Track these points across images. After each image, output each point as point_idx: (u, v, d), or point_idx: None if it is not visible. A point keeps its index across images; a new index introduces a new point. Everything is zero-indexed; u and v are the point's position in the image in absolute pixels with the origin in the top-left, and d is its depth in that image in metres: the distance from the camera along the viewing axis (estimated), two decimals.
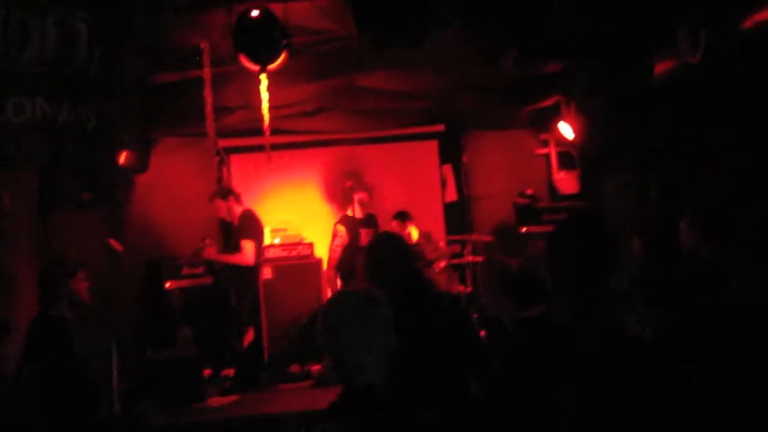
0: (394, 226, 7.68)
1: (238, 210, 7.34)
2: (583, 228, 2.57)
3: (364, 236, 7.40)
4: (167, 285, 7.40)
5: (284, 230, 8.05)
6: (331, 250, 7.49)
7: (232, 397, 6.52)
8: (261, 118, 6.36)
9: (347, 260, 7.34)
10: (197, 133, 7.77)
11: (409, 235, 7.74)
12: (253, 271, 7.27)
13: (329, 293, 7.59)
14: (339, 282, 7.50)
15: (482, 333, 6.13)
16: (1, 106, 3.84)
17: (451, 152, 9.03)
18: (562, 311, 2.72)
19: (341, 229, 7.48)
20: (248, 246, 7.14)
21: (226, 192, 7.41)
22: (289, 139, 7.94)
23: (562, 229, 2.66)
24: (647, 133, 6.42)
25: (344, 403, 2.32)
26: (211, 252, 7.26)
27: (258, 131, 7.47)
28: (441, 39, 5.33)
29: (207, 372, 6.73)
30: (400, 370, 2.45)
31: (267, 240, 7.78)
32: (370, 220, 7.67)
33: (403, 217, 7.82)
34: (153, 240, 8.20)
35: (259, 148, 7.70)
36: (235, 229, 7.34)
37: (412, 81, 7.08)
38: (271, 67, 5.25)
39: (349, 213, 7.70)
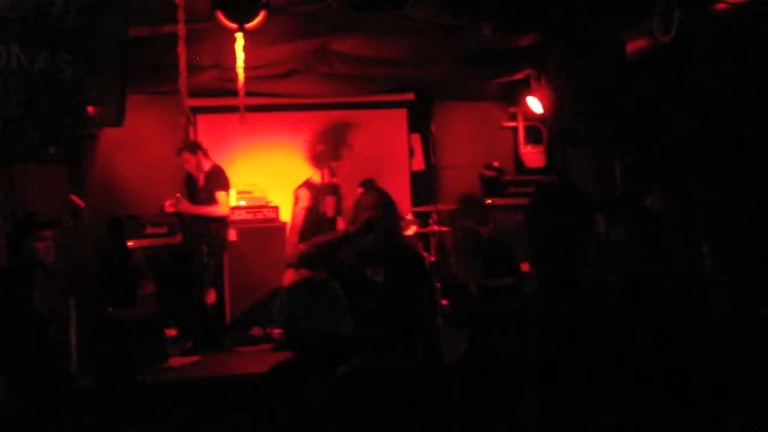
0: (359, 191, 7.66)
1: (207, 164, 7.29)
2: (566, 197, 2.61)
3: (328, 203, 7.38)
4: (130, 244, 7.32)
5: (250, 193, 8.02)
6: (294, 215, 7.45)
7: (194, 358, 6.51)
8: (231, 79, 6.28)
9: (309, 226, 7.31)
10: (164, 91, 7.69)
11: None
12: (223, 229, 7.23)
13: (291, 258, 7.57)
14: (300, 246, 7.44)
15: (444, 302, 6.23)
16: None
17: (419, 121, 9.03)
18: (538, 279, 2.76)
19: (303, 193, 7.42)
20: (223, 196, 7.12)
21: (194, 145, 7.34)
22: (258, 101, 7.85)
23: (544, 198, 2.68)
24: (616, 111, 6.48)
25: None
26: (186, 204, 7.21)
27: (226, 92, 7.41)
28: (419, 4, 5.30)
29: (171, 332, 6.69)
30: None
31: (233, 202, 7.74)
32: (333, 187, 7.65)
33: (368, 184, 7.81)
34: (116, 198, 8.08)
35: (228, 109, 7.65)
36: (205, 183, 7.28)
37: (384, 48, 7.04)
38: (249, 26, 5.18)
39: (314, 179, 7.65)
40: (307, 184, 7.53)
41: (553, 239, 2.56)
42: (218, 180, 7.22)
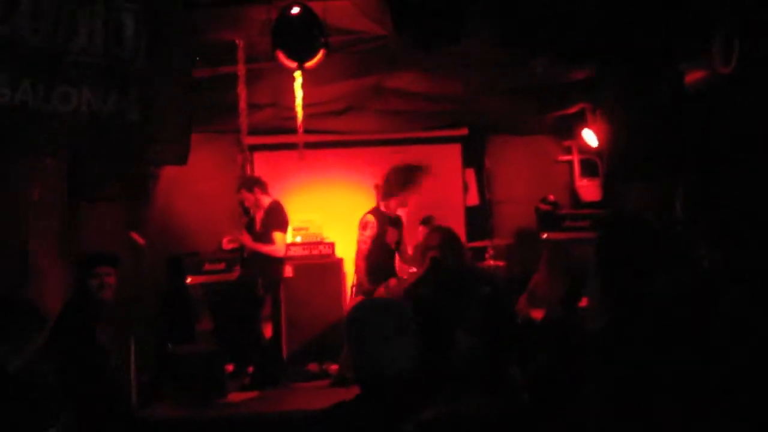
0: (420, 230, 7.69)
1: (265, 201, 7.30)
2: (636, 230, 2.58)
3: (390, 234, 7.37)
4: (188, 280, 7.43)
5: (306, 229, 8.07)
6: (362, 241, 7.40)
7: (252, 394, 6.53)
8: (287, 117, 6.37)
9: (376, 252, 7.28)
10: (220, 129, 7.85)
11: None
12: (279, 264, 7.27)
13: (355, 289, 7.59)
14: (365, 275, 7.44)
15: None
16: (47, 96, 3.86)
17: (473, 156, 9.04)
18: (599, 314, 2.72)
19: (371, 219, 7.37)
20: (279, 237, 7.13)
21: (251, 182, 7.36)
22: (315, 138, 7.95)
23: (616, 231, 2.65)
24: (675, 143, 6.40)
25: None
26: (247, 239, 7.27)
27: (283, 129, 7.52)
28: (474, 40, 5.34)
29: (229, 368, 6.73)
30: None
31: (289, 238, 7.80)
32: (397, 221, 7.65)
33: (428, 221, 7.84)
34: (174, 235, 8.23)
35: (284, 147, 7.76)
36: (264, 221, 7.31)
37: (438, 83, 7.09)
38: (308, 64, 5.26)
39: (381, 208, 7.61)
40: (375, 212, 7.47)
41: (623, 271, 2.53)
42: (276, 218, 7.23)
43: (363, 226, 7.35)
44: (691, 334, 2.43)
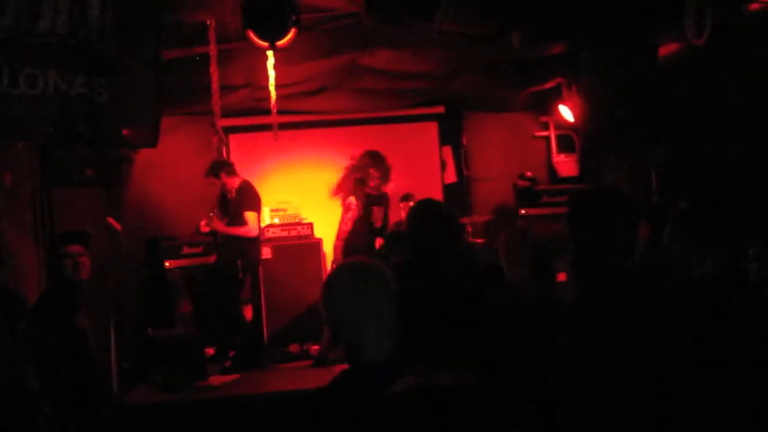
0: (401, 207, 7.69)
1: (234, 182, 7.26)
2: (608, 200, 2.58)
3: (376, 213, 7.36)
4: (166, 264, 7.39)
5: (284, 210, 8.04)
6: (343, 222, 7.39)
7: (233, 376, 6.52)
8: (262, 98, 6.32)
9: (354, 234, 7.28)
10: (196, 111, 7.78)
11: None
12: (255, 244, 7.23)
13: (332, 266, 7.59)
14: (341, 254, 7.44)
15: None
16: (13, 79, 3.79)
17: (450, 134, 9.03)
18: (578, 285, 2.73)
19: (353, 201, 7.35)
20: (251, 217, 7.09)
21: (216, 167, 7.30)
22: (290, 118, 7.91)
23: (587, 203, 2.65)
24: (650, 117, 6.41)
25: (341, 382, 2.29)
26: (218, 224, 7.24)
27: (258, 111, 7.46)
28: (449, 15, 5.30)
29: (210, 351, 6.71)
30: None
31: (266, 220, 7.77)
32: (382, 199, 7.63)
33: (407, 198, 7.84)
34: (152, 219, 8.18)
35: (259, 128, 7.70)
36: (234, 202, 7.28)
37: (414, 61, 7.04)
38: (280, 43, 5.21)
39: (366, 189, 7.58)
40: (359, 193, 7.44)
41: (597, 244, 2.53)
42: (246, 198, 7.19)
43: (346, 208, 7.36)
44: (658, 307, 2.45)
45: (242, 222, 7.09)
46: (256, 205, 7.20)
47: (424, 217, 3.68)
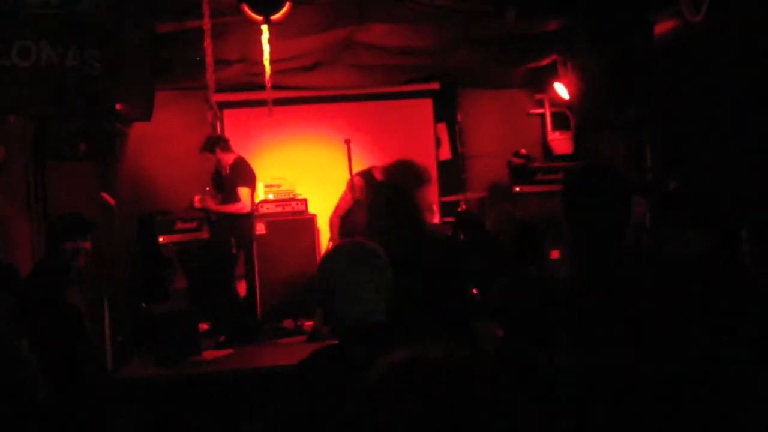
0: None
1: (228, 158, 7.27)
2: (602, 178, 2.57)
3: None
4: (160, 239, 7.38)
5: (278, 186, 8.01)
6: (343, 199, 7.37)
7: (227, 351, 6.52)
8: (257, 73, 6.28)
9: (352, 213, 7.25)
10: (191, 86, 7.73)
11: None
12: (249, 220, 7.24)
13: (329, 243, 7.61)
14: (338, 234, 7.43)
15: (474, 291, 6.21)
16: (5, 50, 3.77)
17: (445, 111, 9.00)
18: (573, 264, 2.73)
19: (360, 182, 7.29)
20: (244, 193, 7.09)
21: (211, 143, 7.30)
22: (285, 94, 7.87)
23: (581, 180, 2.65)
24: (645, 94, 6.40)
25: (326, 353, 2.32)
26: (210, 202, 7.24)
27: (253, 86, 7.42)
28: None
29: (203, 326, 6.72)
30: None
31: (260, 196, 7.76)
32: None
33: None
34: (146, 194, 8.16)
35: (254, 103, 7.66)
36: (228, 178, 7.27)
37: (409, 37, 7.01)
38: (274, 17, 5.17)
39: (374, 172, 7.53)
40: (366, 175, 7.36)
41: (591, 222, 2.53)
42: (240, 174, 7.19)
43: (350, 187, 7.32)
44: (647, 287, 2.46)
45: (236, 198, 7.08)
46: (250, 181, 7.19)
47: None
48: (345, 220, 7.22)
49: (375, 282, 2.31)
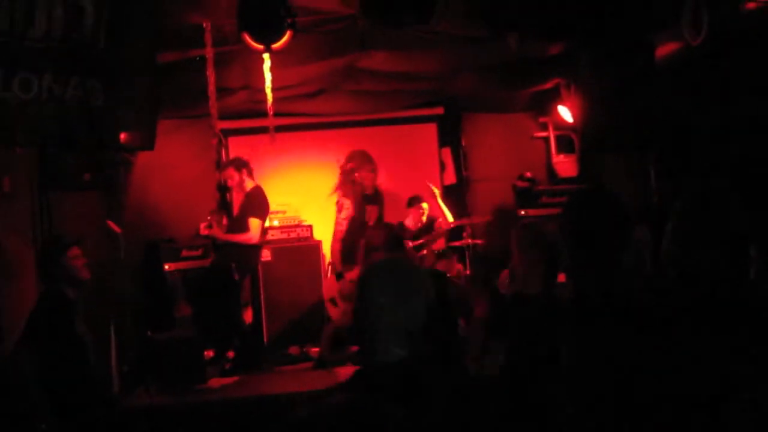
0: (409, 211, 7.79)
1: (249, 184, 7.30)
2: (600, 202, 2.58)
3: (369, 212, 7.35)
4: (166, 267, 7.41)
5: (283, 212, 8.06)
6: (337, 223, 7.40)
7: (233, 378, 6.51)
8: (261, 100, 6.31)
9: (351, 235, 7.27)
10: (195, 114, 7.79)
11: (423, 214, 7.99)
12: (255, 248, 7.24)
13: (330, 269, 7.62)
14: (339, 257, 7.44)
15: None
16: (7, 83, 3.79)
17: (449, 135, 9.03)
18: (574, 287, 2.72)
19: (347, 202, 7.34)
20: (255, 224, 7.10)
21: (241, 163, 7.36)
22: (288, 121, 7.92)
23: (578, 204, 2.65)
24: (648, 117, 6.41)
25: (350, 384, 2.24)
26: (217, 231, 7.25)
27: (257, 113, 7.46)
28: (445, 17, 5.30)
29: (209, 353, 6.71)
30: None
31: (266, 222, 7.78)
32: (376, 197, 7.63)
33: (414, 202, 7.91)
34: (151, 222, 8.18)
35: (258, 130, 7.71)
36: (242, 205, 7.29)
37: (411, 63, 7.04)
38: (275, 46, 5.21)
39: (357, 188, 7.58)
40: (354, 192, 7.43)
41: (589, 246, 2.53)
42: (255, 204, 7.19)
43: (339, 207, 7.35)
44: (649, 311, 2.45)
45: (245, 227, 7.09)
46: (263, 212, 7.20)
47: None
48: (344, 243, 7.23)
49: (411, 303, 2.19)
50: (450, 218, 8.06)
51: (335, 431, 1.85)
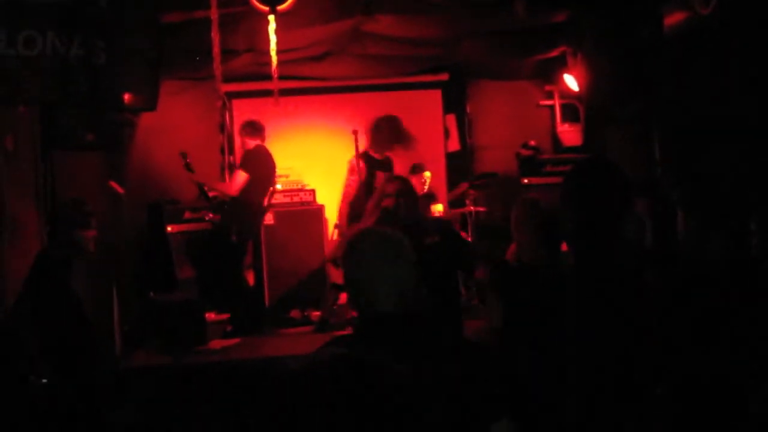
0: (412, 178, 7.76)
1: (250, 144, 7.33)
2: (601, 172, 2.57)
3: (379, 178, 7.34)
4: (169, 229, 7.42)
5: (286, 176, 8.04)
6: (347, 185, 7.41)
7: (234, 340, 6.57)
8: (265, 63, 6.27)
9: (360, 197, 7.27)
10: (199, 77, 7.74)
11: (425, 183, 7.95)
12: (250, 209, 7.23)
13: (334, 230, 7.66)
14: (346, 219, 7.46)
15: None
16: (11, 39, 3.78)
17: (454, 102, 8.99)
18: (575, 256, 2.73)
19: (360, 164, 7.33)
20: (238, 176, 7.13)
21: (242, 127, 7.43)
22: (293, 84, 7.88)
23: (580, 174, 2.65)
24: (654, 87, 6.37)
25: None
26: (214, 183, 7.34)
27: (262, 76, 7.41)
28: None
29: (210, 316, 6.75)
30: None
31: None
32: (385, 163, 7.63)
33: (417, 169, 7.89)
34: (154, 184, 8.18)
35: (263, 93, 7.66)
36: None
37: (417, 27, 6.99)
38: (281, 7, 5.17)
39: (371, 152, 7.59)
40: (364, 156, 7.43)
41: (590, 215, 2.53)
42: (245, 159, 7.25)
43: (351, 170, 7.35)
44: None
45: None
46: (249, 166, 7.18)
47: None
48: (353, 206, 7.24)
49: (396, 275, 2.27)
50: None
51: (325, 382, 1.92)
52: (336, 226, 7.72)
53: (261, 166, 7.26)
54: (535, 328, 3.18)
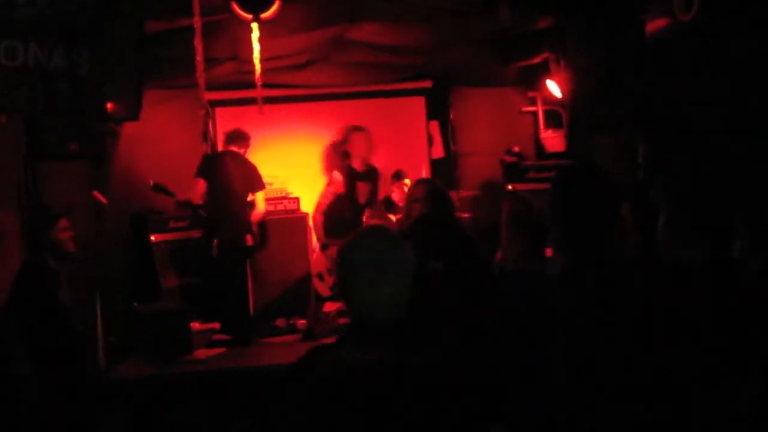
0: (393, 185, 7.76)
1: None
2: (588, 178, 2.58)
3: (361, 189, 7.35)
4: (152, 238, 7.38)
5: (270, 184, 8.02)
6: (322, 195, 7.44)
7: (219, 350, 6.53)
8: (249, 71, 6.27)
9: (336, 210, 7.29)
10: (182, 85, 7.72)
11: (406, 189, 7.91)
12: (223, 223, 7.23)
13: (312, 240, 7.66)
14: (322, 231, 7.46)
15: None
16: None
17: (438, 109, 9.01)
18: (564, 262, 2.74)
19: (337, 176, 7.34)
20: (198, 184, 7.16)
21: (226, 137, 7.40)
22: (276, 92, 7.88)
23: (567, 180, 2.66)
24: (637, 92, 6.41)
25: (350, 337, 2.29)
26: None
27: (245, 84, 7.41)
28: None
29: (195, 325, 6.71)
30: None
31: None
32: (369, 174, 7.64)
33: (399, 176, 7.90)
34: (138, 193, 8.12)
35: (246, 102, 7.65)
36: None
37: (401, 35, 7.01)
38: (264, 16, 5.17)
39: (351, 164, 7.59)
40: (346, 168, 7.42)
41: (577, 221, 2.54)
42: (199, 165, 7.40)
43: (329, 182, 7.38)
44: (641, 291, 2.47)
45: None
46: (202, 172, 7.20)
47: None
48: (327, 216, 7.25)
49: (392, 277, 2.25)
50: None
51: (323, 387, 1.92)
52: (317, 238, 7.73)
53: (207, 171, 7.27)
54: (523, 334, 3.19)
